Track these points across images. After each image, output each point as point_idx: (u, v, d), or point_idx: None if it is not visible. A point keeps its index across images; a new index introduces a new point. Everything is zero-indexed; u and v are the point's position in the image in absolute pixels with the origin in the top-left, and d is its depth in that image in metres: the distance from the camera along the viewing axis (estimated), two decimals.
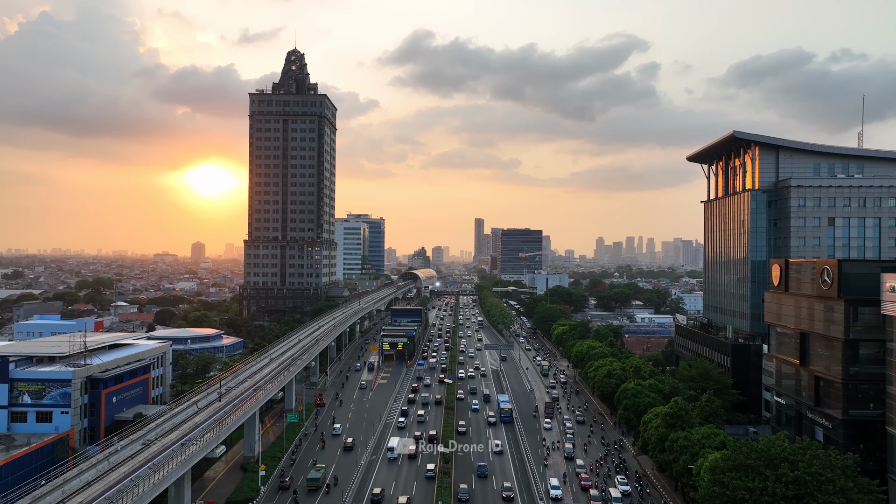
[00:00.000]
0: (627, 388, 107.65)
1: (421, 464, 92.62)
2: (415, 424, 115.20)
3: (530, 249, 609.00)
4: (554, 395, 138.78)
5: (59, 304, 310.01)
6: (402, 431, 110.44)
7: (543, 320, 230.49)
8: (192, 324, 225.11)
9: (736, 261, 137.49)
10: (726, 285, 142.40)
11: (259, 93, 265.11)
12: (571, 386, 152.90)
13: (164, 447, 66.02)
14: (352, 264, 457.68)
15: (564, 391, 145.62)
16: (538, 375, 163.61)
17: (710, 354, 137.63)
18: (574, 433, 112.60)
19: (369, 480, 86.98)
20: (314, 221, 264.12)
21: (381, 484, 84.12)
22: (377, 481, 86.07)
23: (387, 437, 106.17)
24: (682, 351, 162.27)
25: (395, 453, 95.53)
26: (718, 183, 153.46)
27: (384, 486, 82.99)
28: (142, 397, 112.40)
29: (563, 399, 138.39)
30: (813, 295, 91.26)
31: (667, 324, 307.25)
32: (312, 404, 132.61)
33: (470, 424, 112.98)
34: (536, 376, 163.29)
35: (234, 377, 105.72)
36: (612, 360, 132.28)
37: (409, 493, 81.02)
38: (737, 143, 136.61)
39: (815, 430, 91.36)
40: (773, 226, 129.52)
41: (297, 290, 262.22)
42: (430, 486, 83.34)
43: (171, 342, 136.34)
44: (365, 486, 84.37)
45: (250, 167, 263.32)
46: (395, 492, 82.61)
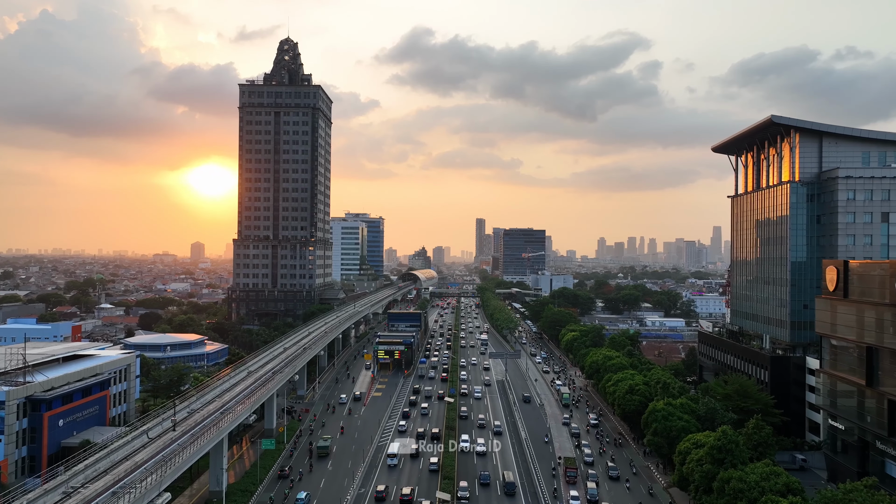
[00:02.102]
0: (657, 408, 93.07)
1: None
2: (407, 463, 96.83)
3: (533, 250, 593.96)
4: (587, 456, 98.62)
5: (41, 307, 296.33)
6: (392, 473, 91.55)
7: (551, 325, 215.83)
8: (176, 328, 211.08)
9: (771, 262, 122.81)
10: (760, 289, 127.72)
11: (249, 83, 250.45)
12: (584, 398, 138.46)
13: (86, 502, 51.46)
14: (349, 265, 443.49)
15: (598, 435, 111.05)
16: (549, 389, 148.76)
17: (743, 367, 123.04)
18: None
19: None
20: (308, 219, 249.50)
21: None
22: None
23: (372, 478, 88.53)
24: (706, 361, 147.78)
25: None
26: (748, 176, 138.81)
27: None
28: (98, 418, 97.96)
29: (591, 437, 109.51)
30: (883, 303, 76.74)
31: (679, 327, 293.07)
32: (296, 422, 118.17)
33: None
34: (546, 389, 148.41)
35: (201, 397, 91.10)
36: (632, 374, 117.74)
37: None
38: (773, 129, 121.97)
39: (887, 463, 76.85)
40: (816, 222, 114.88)
41: (290, 292, 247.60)
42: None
43: (137, 353, 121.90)
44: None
45: (240, 162, 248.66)
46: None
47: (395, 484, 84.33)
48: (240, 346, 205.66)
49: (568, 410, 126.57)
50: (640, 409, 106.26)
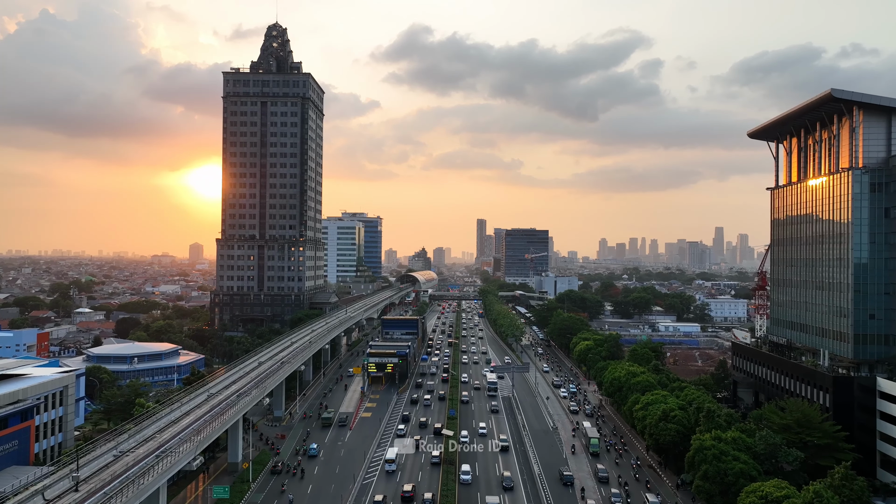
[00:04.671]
0: (704, 445, 75.03)
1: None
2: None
3: (536, 250, 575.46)
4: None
5: (14, 311, 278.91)
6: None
7: (560, 332, 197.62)
8: (153, 335, 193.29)
9: (827, 263, 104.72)
10: (811, 295, 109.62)
11: (234, 71, 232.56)
12: (602, 417, 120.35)
13: None
14: (346, 266, 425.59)
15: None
16: (560, 408, 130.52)
17: (793, 387, 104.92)
18: None
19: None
20: (297, 218, 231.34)
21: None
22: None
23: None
24: (740, 376, 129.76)
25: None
26: (792, 164, 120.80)
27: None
28: (17, 455, 79.98)
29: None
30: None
31: (694, 333, 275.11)
32: (268, 452, 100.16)
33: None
34: (560, 410, 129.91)
35: (137, 432, 72.92)
36: (664, 395, 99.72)
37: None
38: (829, 107, 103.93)
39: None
40: (884, 216, 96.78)
41: (277, 296, 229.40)
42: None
43: (80, 370, 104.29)
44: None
45: (224, 155, 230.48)
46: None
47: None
48: (220, 356, 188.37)
49: (598, 460, 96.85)
50: (678, 440, 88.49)
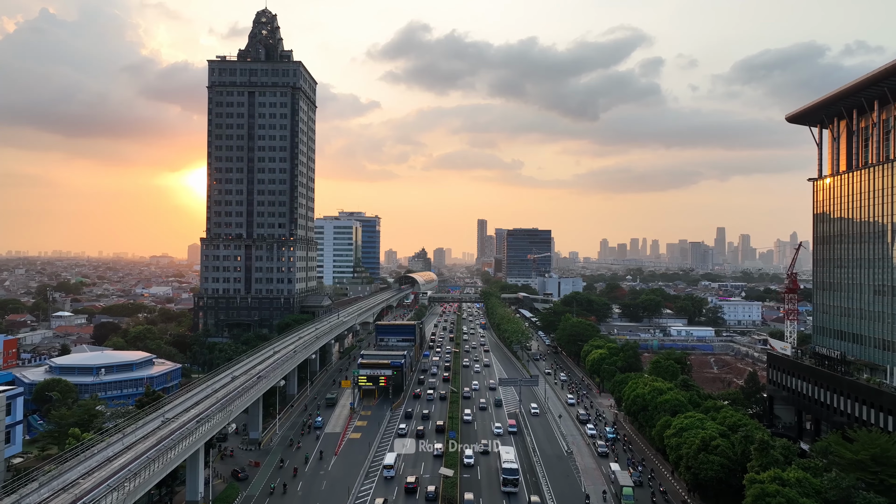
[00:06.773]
0: (767, 491, 60.32)
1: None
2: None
3: (538, 251, 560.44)
4: None
5: None
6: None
7: (570, 339, 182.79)
8: (131, 341, 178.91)
9: (890, 264, 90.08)
10: (870, 301, 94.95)
11: (220, 59, 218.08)
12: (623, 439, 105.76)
13: None
14: (343, 267, 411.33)
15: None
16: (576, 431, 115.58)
17: (850, 407, 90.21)
18: None
19: None
20: (287, 216, 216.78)
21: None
22: None
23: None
24: (778, 392, 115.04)
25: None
26: (839, 151, 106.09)
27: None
28: None
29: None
30: None
31: (707, 337, 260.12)
32: (235, 486, 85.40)
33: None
34: (576, 433, 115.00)
35: (57, 475, 58.07)
36: (701, 419, 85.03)
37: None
38: (890, 82, 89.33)
39: None
40: None
41: (266, 299, 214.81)
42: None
43: (17, 390, 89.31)
44: None
45: (209, 149, 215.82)
46: None
47: None
48: (200, 364, 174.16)
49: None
50: (721, 475, 73.90)
